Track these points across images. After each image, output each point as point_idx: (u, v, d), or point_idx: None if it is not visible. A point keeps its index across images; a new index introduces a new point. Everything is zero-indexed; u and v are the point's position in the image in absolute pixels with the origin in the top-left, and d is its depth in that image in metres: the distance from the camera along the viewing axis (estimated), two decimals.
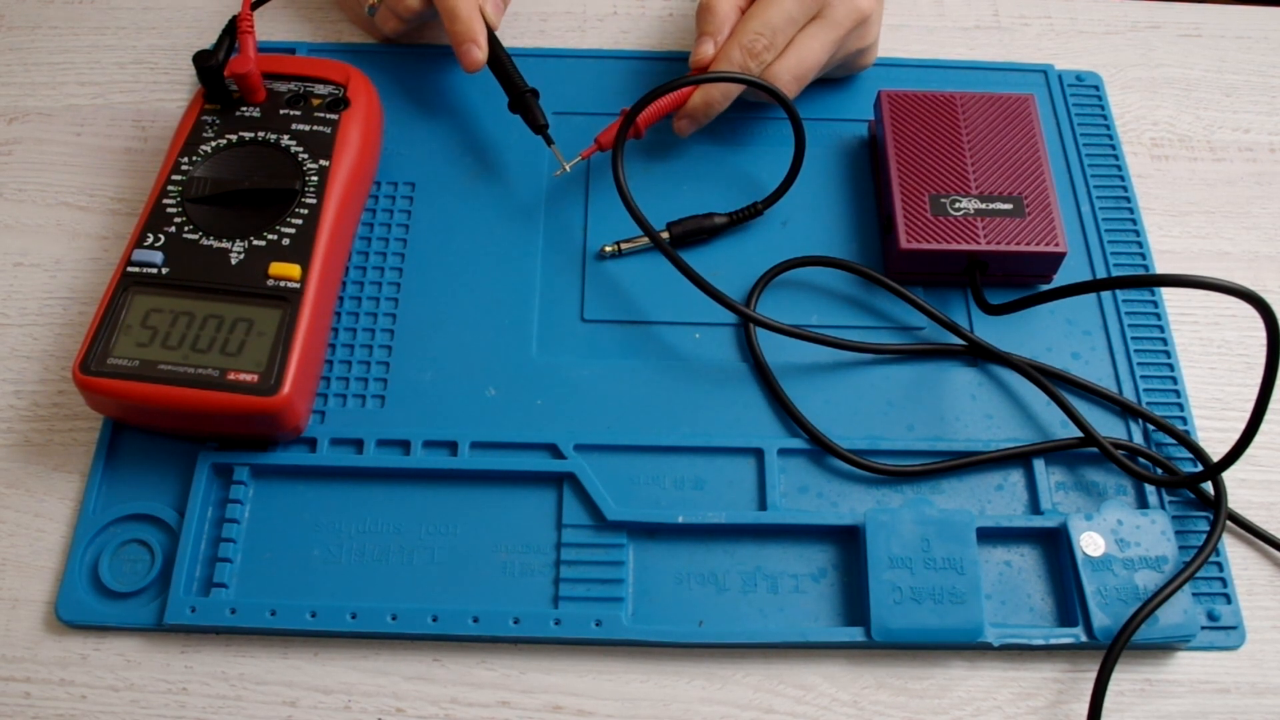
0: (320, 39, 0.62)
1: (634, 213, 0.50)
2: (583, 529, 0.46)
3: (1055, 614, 0.46)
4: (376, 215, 0.55)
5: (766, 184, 0.56)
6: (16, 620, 0.45)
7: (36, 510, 0.47)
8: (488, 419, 0.49)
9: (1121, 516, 0.46)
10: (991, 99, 0.55)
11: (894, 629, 0.44)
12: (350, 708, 0.44)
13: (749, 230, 0.55)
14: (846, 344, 0.51)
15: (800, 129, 0.52)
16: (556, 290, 0.53)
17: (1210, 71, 0.63)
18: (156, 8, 0.64)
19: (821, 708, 0.44)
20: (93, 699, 0.44)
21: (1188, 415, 0.50)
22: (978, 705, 0.44)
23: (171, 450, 0.48)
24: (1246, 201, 0.58)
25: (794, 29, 0.53)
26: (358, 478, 0.48)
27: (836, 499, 0.48)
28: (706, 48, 0.53)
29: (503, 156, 0.57)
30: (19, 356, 0.51)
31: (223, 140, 0.51)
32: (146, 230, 0.48)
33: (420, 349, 0.51)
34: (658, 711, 0.44)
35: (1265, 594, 0.47)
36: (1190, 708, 0.45)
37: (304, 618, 0.44)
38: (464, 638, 0.45)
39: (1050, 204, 0.52)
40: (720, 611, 0.45)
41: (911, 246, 0.51)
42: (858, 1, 0.54)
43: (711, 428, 0.49)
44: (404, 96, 0.58)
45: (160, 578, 0.45)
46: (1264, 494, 0.50)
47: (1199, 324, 0.54)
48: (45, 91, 0.60)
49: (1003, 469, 0.49)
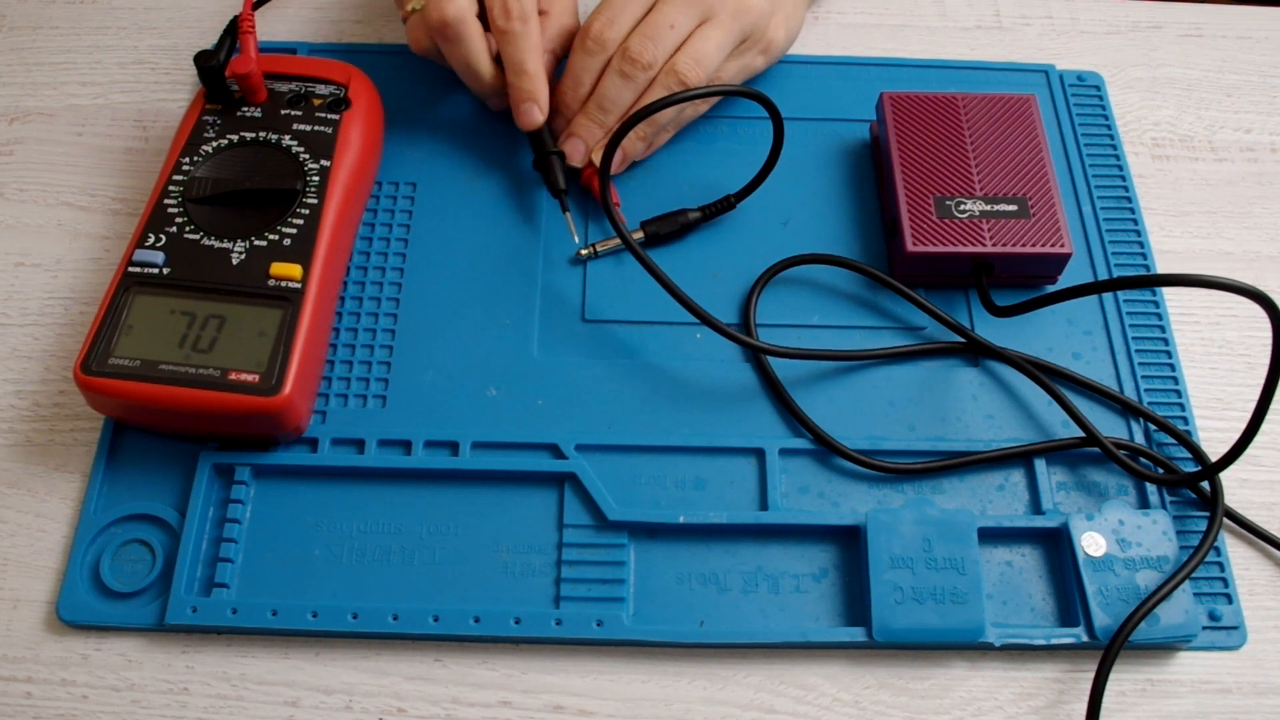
0: (321, 39, 0.62)
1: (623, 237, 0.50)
2: (584, 529, 0.46)
3: (1056, 614, 0.46)
4: (378, 215, 0.55)
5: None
6: (18, 620, 0.45)
7: (38, 510, 0.47)
8: (489, 419, 0.49)
9: (1123, 516, 0.46)
10: (993, 99, 0.55)
11: (895, 629, 0.44)
12: (351, 708, 0.44)
13: (749, 230, 0.55)
14: (850, 355, 0.51)
15: (778, 121, 0.52)
16: (557, 290, 0.53)
17: (1211, 72, 0.63)
18: (158, 8, 0.64)
19: (823, 708, 0.44)
20: (94, 699, 0.44)
21: (1189, 415, 0.50)
22: (979, 705, 0.44)
23: (172, 450, 0.48)
24: (1248, 202, 0.58)
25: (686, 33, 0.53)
26: (359, 478, 0.48)
27: (838, 499, 0.48)
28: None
29: (504, 156, 0.57)
30: (20, 356, 0.51)
31: (224, 140, 0.51)
32: (148, 230, 0.48)
33: (421, 349, 0.51)
34: (659, 711, 0.44)
35: (1266, 594, 0.47)
36: (1191, 708, 0.45)
37: (305, 618, 0.44)
38: (465, 638, 0.45)
39: (1054, 205, 0.52)
40: (721, 611, 0.45)
41: (918, 249, 0.51)
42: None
43: (712, 428, 0.49)
44: (405, 96, 0.58)
45: (161, 578, 0.45)
46: (1265, 494, 0.50)
47: (1200, 324, 0.54)
48: (47, 92, 0.60)
49: (1004, 469, 0.49)
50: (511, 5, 0.51)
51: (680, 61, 0.52)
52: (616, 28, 0.52)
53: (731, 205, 0.55)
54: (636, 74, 0.52)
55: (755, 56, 0.56)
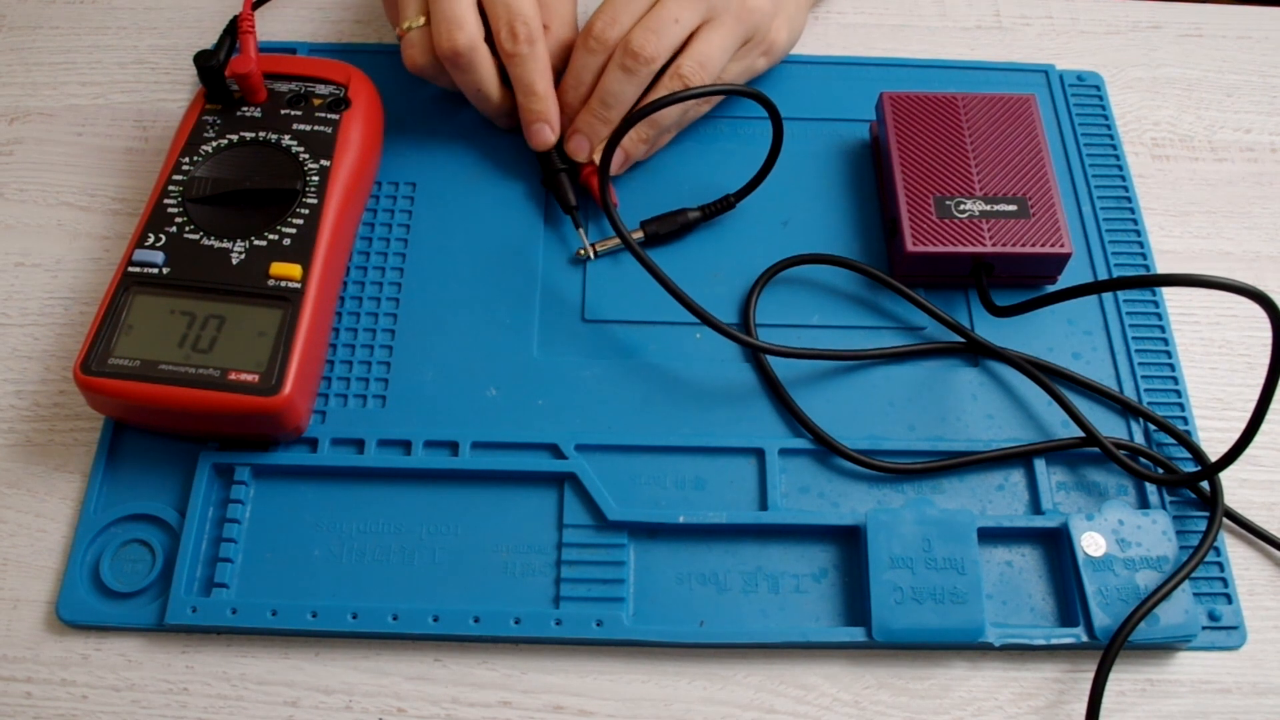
0: (321, 39, 0.62)
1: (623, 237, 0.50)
2: (584, 529, 0.46)
3: (1056, 614, 0.46)
4: (377, 215, 0.55)
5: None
6: (18, 620, 0.45)
7: (37, 510, 0.47)
8: (489, 419, 0.49)
9: (1122, 516, 0.46)
10: (993, 99, 0.55)
11: (895, 629, 0.44)
12: (351, 708, 0.44)
13: (749, 230, 0.55)
14: (850, 355, 0.51)
15: (778, 121, 0.52)
16: (557, 290, 0.53)
17: (1211, 71, 0.63)
18: (158, 8, 0.64)
19: (823, 708, 0.44)
20: (94, 699, 0.44)
21: (1189, 415, 0.50)
22: (979, 705, 0.44)
23: (172, 450, 0.48)
24: (1248, 202, 0.58)
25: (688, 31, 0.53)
26: (359, 478, 0.48)
27: (837, 499, 0.48)
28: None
29: (504, 156, 0.57)
30: (20, 356, 0.51)
31: (224, 140, 0.51)
32: (147, 230, 0.48)
33: (421, 349, 0.51)
34: (659, 711, 0.44)
35: (1266, 594, 0.47)
36: (1191, 708, 0.45)
37: (305, 618, 0.44)
38: (465, 638, 0.45)
39: (1054, 205, 0.52)
40: (721, 611, 0.45)
41: (918, 249, 0.51)
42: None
43: (712, 428, 0.49)
44: (405, 96, 0.58)
45: (161, 578, 0.45)
46: (1265, 494, 0.50)
47: (1200, 324, 0.54)
48: (46, 92, 0.60)
49: (1004, 469, 0.49)
50: (518, 28, 0.51)
51: (685, 64, 0.52)
52: (618, 26, 0.52)
53: (731, 205, 0.55)
54: (638, 68, 0.52)
55: (758, 58, 0.56)
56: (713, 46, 0.52)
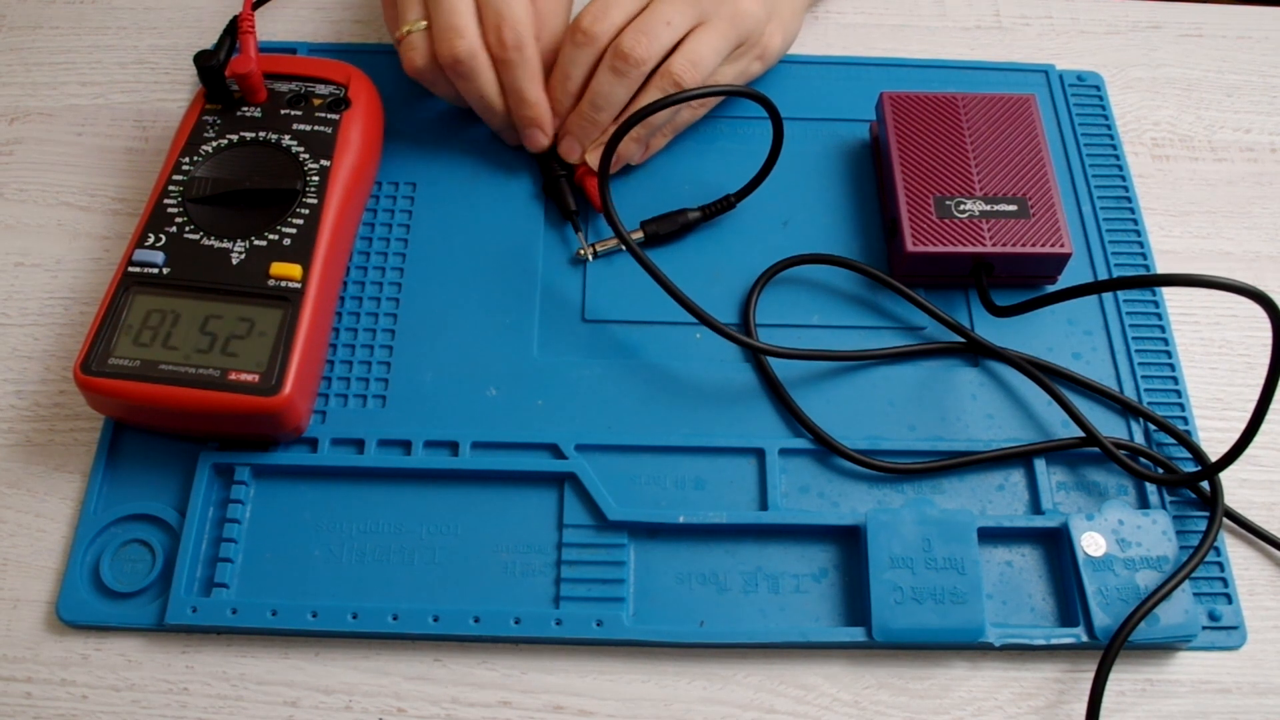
0: (321, 39, 0.62)
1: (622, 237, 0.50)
2: (584, 529, 0.46)
3: (1056, 614, 0.46)
4: (377, 215, 0.55)
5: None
6: (18, 620, 0.45)
7: (37, 510, 0.47)
8: (489, 419, 0.49)
9: (1123, 516, 0.46)
10: (993, 99, 0.55)
11: (895, 629, 0.44)
12: (351, 708, 0.44)
13: (749, 230, 0.55)
14: (850, 355, 0.51)
15: (778, 121, 0.52)
16: (557, 290, 0.53)
17: (1211, 71, 0.63)
18: (158, 8, 0.64)
19: (822, 708, 0.44)
20: (94, 699, 0.44)
21: (1189, 415, 0.50)
22: (979, 705, 0.44)
23: (172, 450, 0.48)
24: (1248, 202, 0.58)
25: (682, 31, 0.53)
26: (359, 478, 0.48)
27: (837, 499, 0.48)
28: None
29: (504, 156, 0.57)
30: (20, 356, 0.51)
31: (224, 140, 0.51)
32: (147, 230, 0.48)
33: (421, 349, 0.51)
34: (659, 711, 0.44)
35: (1266, 594, 0.47)
36: (1191, 708, 0.45)
37: (305, 618, 0.44)
38: (465, 638, 0.45)
39: (1054, 205, 0.52)
40: (721, 611, 0.45)
41: (918, 249, 0.51)
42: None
43: (712, 428, 0.49)
44: (405, 96, 0.58)
45: (161, 578, 0.45)
46: (1265, 494, 0.50)
47: (1200, 324, 0.54)
48: (46, 92, 0.60)
49: (1004, 469, 0.49)
50: (507, 35, 0.51)
51: (676, 63, 0.52)
52: (607, 21, 0.52)
53: (731, 205, 0.55)
54: (629, 70, 0.51)
55: (752, 62, 0.56)
56: (705, 47, 0.52)
